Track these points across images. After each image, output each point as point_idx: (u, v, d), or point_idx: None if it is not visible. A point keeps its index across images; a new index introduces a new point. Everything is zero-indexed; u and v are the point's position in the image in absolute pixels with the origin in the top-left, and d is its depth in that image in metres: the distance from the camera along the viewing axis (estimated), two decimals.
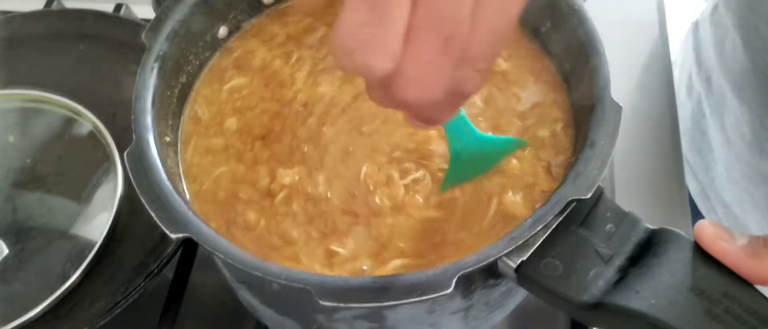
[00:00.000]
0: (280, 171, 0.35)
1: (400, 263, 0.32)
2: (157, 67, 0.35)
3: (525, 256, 0.30)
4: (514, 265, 0.30)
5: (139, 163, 0.31)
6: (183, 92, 0.38)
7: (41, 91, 0.47)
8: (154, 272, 0.41)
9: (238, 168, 0.36)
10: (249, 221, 0.34)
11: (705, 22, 0.52)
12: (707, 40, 0.52)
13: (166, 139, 0.35)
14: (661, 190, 0.49)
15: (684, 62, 0.54)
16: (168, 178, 0.32)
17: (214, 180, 0.36)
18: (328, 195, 0.35)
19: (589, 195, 0.30)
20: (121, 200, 0.43)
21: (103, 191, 0.45)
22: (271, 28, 0.42)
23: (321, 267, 0.32)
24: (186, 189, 0.36)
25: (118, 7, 0.54)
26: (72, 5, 0.55)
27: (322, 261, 0.33)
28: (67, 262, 0.42)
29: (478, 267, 0.29)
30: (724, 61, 0.48)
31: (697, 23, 0.55)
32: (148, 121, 0.33)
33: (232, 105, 0.39)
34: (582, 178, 0.31)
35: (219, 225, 0.34)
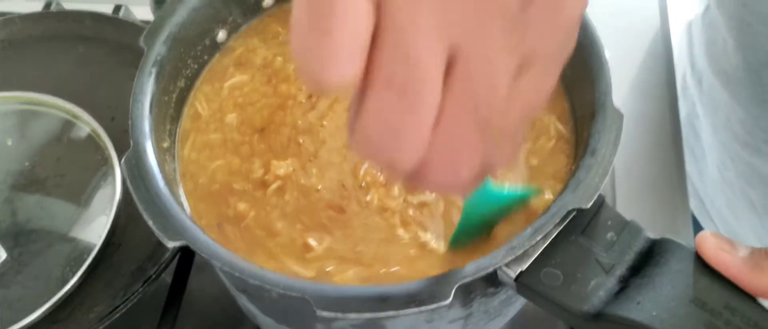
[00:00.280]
0: (274, 163, 0.36)
1: (353, 273, 0.32)
2: (155, 72, 0.35)
3: (525, 266, 0.30)
4: (513, 275, 0.30)
5: (136, 169, 0.31)
6: (181, 96, 0.38)
7: (39, 93, 0.47)
8: (153, 277, 0.41)
9: (234, 160, 0.36)
10: (239, 212, 0.35)
11: (697, 22, 0.52)
12: (699, 41, 0.51)
13: (164, 144, 0.35)
14: (662, 196, 0.49)
15: (679, 63, 0.54)
16: (166, 184, 0.31)
17: (210, 174, 0.36)
18: (319, 187, 0.35)
19: (589, 205, 0.30)
20: (120, 204, 0.43)
21: (101, 195, 0.44)
22: (273, 27, 0.42)
23: (294, 262, 0.32)
24: (182, 190, 0.36)
25: (118, 8, 0.54)
26: (71, 6, 0.55)
27: (297, 255, 0.33)
28: (65, 266, 0.42)
29: (477, 277, 0.28)
30: (715, 61, 0.48)
31: (690, 24, 0.54)
32: (146, 126, 0.33)
33: (233, 101, 0.39)
34: (583, 187, 0.31)
35: (209, 222, 0.34)
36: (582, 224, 0.31)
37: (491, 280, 0.31)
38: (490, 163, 0.21)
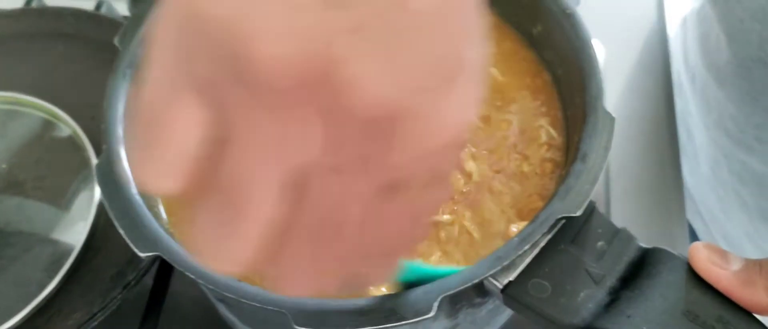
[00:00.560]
0: None
1: None
2: (130, 74, 0.33)
3: (512, 276, 0.29)
4: (500, 286, 0.29)
5: (109, 176, 0.30)
6: None
7: (18, 92, 0.46)
8: (132, 283, 0.39)
9: None
10: None
11: (692, 18, 0.51)
12: (693, 37, 0.50)
13: None
14: (658, 198, 0.48)
15: (673, 61, 0.53)
16: (139, 192, 0.30)
17: None
18: None
19: (579, 213, 0.29)
20: (99, 208, 0.42)
21: (82, 198, 0.43)
22: None
23: None
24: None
25: (100, 4, 0.52)
26: (53, 2, 0.54)
27: None
28: (44, 271, 0.41)
29: (461, 289, 0.27)
30: (708, 57, 0.47)
31: (685, 19, 0.53)
32: (120, 131, 0.32)
33: None
34: (573, 194, 0.29)
35: (181, 218, 0.33)
36: (572, 232, 0.30)
37: (477, 291, 0.30)
38: (364, 274, 0.20)
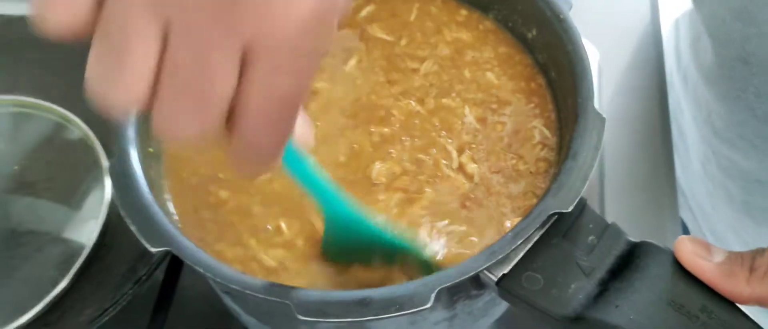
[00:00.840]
0: None
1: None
2: None
3: (506, 269, 0.30)
4: (495, 278, 0.30)
5: (122, 176, 0.32)
6: None
7: (30, 96, 0.48)
8: (143, 278, 0.41)
9: (221, 154, 0.36)
10: (221, 199, 0.35)
11: (684, 18, 0.52)
12: (685, 37, 0.52)
13: (150, 149, 0.35)
14: (651, 195, 0.49)
15: (667, 61, 0.55)
16: (151, 190, 0.32)
17: (194, 168, 0.36)
18: None
19: (570, 209, 0.30)
20: (110, 206, 0.43)
21: (92, 197, 0.45)
22: None
23: (259, 247, 0.33)
24: (166, 186, 0.36)
25: None
26: None
27: (266, 240, 0.34)
28: (56, 269, 0.42)
29: (457, 281, 0.29)
30: (697, 56, 0.49)
31: (678, 20, 0.55)
32: (131, 133, 0.33)
33: None
34: (564, 191, 0.31)
35: (185, 210, 0.35)
36: (563, 227, 0.31)
37: (474, 283, 0.31)
38: (247, 142, 0.22)
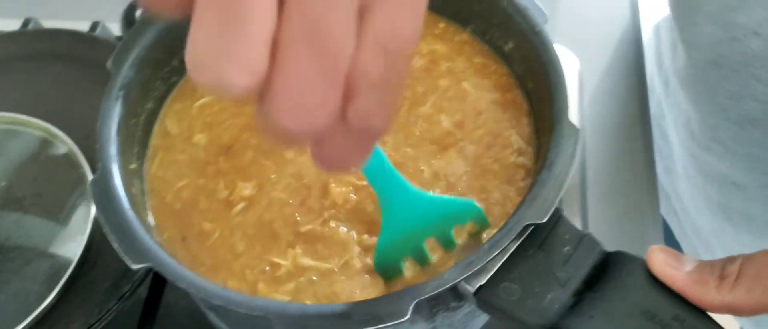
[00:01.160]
0: (240, 184, 0.36)
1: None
2: (122, 96, 0.35)
3: (483, 281, 0.30)
4: (472, 290, 0.30)
5: (104, 193, 0.32)
6: (149, 118, 0.38)
7: (16, 113, 0.48)
8: (127, 294, 0.41)
9: (199, 180, 0.37)
10: (204, 231, 0.35)
11: (664, 24, 0.53)
12: (666, 41, 0.52)
13: (132, 166, 0.35)
14: (633, 199, 0.49)
15: (648, 66, 0.55)
16: (132, 207, 0.32)
17: (176, 192, 0.37)
18: (283, 207, 0.35)
19: (545, 220, 0.31)
20: (95, 222, 0.43)
21: (78, 213, 0.45)
22: None
23: (265, 285, 0.33)
24: (149, 206, 0.36)
25: (95, 25, 0.54)
26: (51, 24, 0.56)
27: (267, 276, 0.33)
28: (43, 284, 0.42)
29: (434, 293, 0.29)
30: (675, 61, 0.49)
31: (658, 25, 0.55)
32: (113, 150, 0.33)
33: (202, 120, 0.39)
34: (539, 201, 0.31)
35: (172, 235, 0.35)
36: (539, 238, 0.31)
37: (452, 295, 0.31)
38: (362, 124, 0.19)
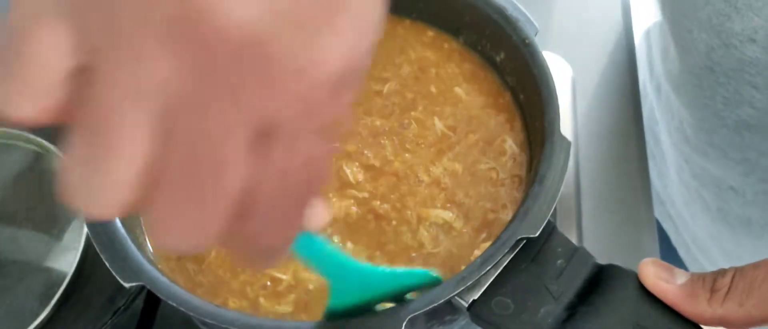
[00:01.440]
0: None
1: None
2: None
3: (476, 295, 0.30)
4: (466, 304, 0.30)
5: None
6: None
7: (8, 127, 0.48)
8: (122, 308, 0.41)
9: None
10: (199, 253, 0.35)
11: (655, 29, 0.53)
12: (657, 47, 0.53)
13: None
14: (627, 207, 0.49)
15: (640, 71, 0.56)
16: (124, 226, 0.32)
17: None
18: None
19: (537, 233, 0.31)
20: (88, 237, 0.43)
21: (72, 228, 0.45)
22: None
23: (266, 300, 0.33)
24: (143, 224, 0.36)
25: None
26: None
27: (269, 291, 0.33)
28: (38, 299, 0.42)
29: (428, 309, 0.29)
30: (667, 66, 0.50)
31: (649, 31, 0.56)
32: None
33: None
34: (531, 215, 0.31)
35: (167, 255, 0.35)
36: (532, 252, 0.31)
37: (446, 309, 0.31)
38: (255, 239, 0.19)
